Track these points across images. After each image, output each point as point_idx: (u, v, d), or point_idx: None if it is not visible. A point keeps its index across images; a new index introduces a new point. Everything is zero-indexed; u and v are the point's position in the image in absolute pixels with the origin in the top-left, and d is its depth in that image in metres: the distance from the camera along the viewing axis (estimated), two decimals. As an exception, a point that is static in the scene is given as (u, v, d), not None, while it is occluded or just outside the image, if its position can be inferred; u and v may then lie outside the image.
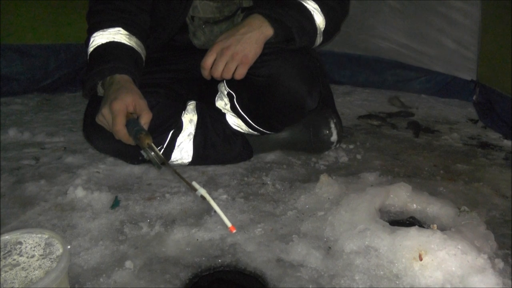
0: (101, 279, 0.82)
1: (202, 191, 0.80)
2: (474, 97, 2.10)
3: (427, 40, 2.18)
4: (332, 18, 1.25)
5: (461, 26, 2.05)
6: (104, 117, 1.05)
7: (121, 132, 1.01)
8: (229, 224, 0.77)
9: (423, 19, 2.15)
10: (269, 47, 1.17)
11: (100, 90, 1.16)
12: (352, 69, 2.49)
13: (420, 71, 2.28)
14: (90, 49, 1.18)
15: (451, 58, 2.15)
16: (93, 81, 1.13)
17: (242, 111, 1.29)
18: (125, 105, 1.02)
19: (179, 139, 1.28)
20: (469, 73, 2.11)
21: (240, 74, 1.13)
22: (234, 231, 0.79)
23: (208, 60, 1.13)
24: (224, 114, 1.34)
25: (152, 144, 0.95)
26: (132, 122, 1.01)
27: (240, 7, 1.34)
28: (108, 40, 1.17)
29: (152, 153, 0.95)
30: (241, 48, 1.10)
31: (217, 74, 1.13)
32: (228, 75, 1.13)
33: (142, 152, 0.98)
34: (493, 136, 1.73)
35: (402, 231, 0.87)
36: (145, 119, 1.02)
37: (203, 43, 1.39)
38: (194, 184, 0.81)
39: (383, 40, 2.30)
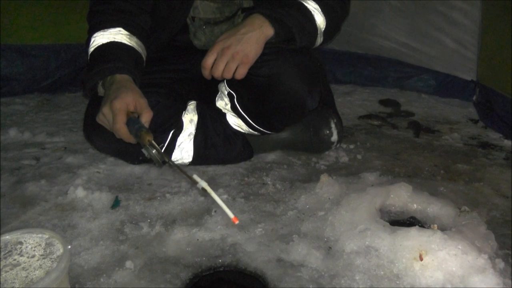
0: (102, 279, 0.82)
1: (203, 184, 0.80)
2: (474, 97, 2.10)
3: (427, 40, 2.18)
4: (332, 18, 1.25)
5: (461, 26, 2.04)
6: (104, 116, 1.05)
7: (122, 130, 1.01)
8: (231, 215, 0.77)
9: (423, 18, 2.15)
10: (269, 47, 1.17)
11: (100, 90, 1.16)
12: (353, 67, 2.49)
13: (420, 70, 2.28)
14: (91, 49, 1.18)
15: (451, 57, 2.14)
16: (93, 81, 1.13)
17: (243, 111, 1.29)
18: (125, 103, 1.02)
19: (180, 139, 1.28)
20: (469, 73, 2.11)
21: (241, 74, 1.13)
22: (237, 222, 0.78)
23: (209, 60, 1.13)
24: (224, 114, 1.34)
25: (153, 142, 0.95)
26: (132, 120, 1.01)
27: (241, 7, 1.34)
28: (108, 40, 1.17)
29: (154, 150, 0.95)
30: (241, 48, 1.10)
31: (217, 74, 1.13)
32: (228, 75, 1.13)
33: (143, 150, 0.98)
34: (493, 136, 1.73)
35: (403, 231, 0.87)
36: (146, 118, 1.03)
37: (203, 43, 1.39)
38: (195, 177, 0.82)
39: (384, 39, 2.30)
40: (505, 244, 0.95)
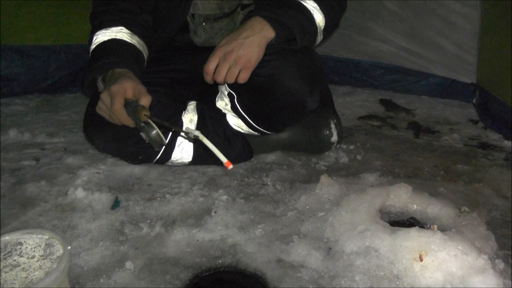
0: (102, 280, 0.82)
1: (196, 132, 0.81)
2: (474, 100, 2.10)
3: (426, 43, 2.17)
4: (331, 15, 1.26)
5: (460, 29, 2.04)
6: (103, 102, 1.06)
7: (120, 111, 1.02)
8: (224, 160, 0.77)
9: (422, 22, 2.14)
10: (270, 48, 1.17)
11: (100, 86, 1.17)
12: (351, 73, 2.48)
13: (419, 74, 2.27)
14: (92, 46, 1.20)
15: (451, 61, 2.13)
16: (93, 75, 1.14)
17: (243, 111, 1.29)
18: (124, 88, 1.03)
19: (180, 139, 1.28)
20: (469, 76, 2.10)
21: (243, 78, 1.13)
22: (231, 166, 0.78)
23: (211, 65, 1.13)
24: (224, 115, 1.34)
25: (149, 119, 0.95)
26: (130, 103, 1.01)
27: (240, 4, 1.35)
28: (110, 38, 1.18)
29: (152, 132, 0.95)
30: (243, 52, 1.10)
31: (220, 79, 1.13)
32: (231, 80, 1.13)
33: (141, 134, 0.98)
34: (493, 136, 1.73)
35: (403, 232, 0.87)
36: (144, 101, 1.03)
37: (203, 40, 1.40)
38: (187, 128, 0.82)
39: (382, 43, 2.29)
40: (505, 244, 0.95)
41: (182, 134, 1.04)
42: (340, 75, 2.50)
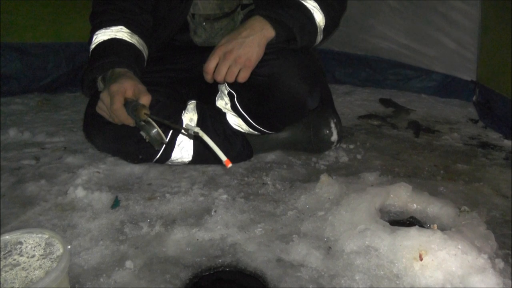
0: (101, 279, 0.82)
1: (196, 129, 0.81)
2: (474, 98, 2.10)
3: (427, 40, 2.18)
4: (331, 15, 1.26)
5: (461, 27, 2.04)
6: (103, 101, 1.07)
7: (120, 110, 1.02)
8: (224, 158, 0.77)
9: (423, 19, 2.15)
10: (270, 47, 1.17)
11: (100, 86, 1.17)
12: (353, 68, 2.50)
13: (420, 71, 2.28)
14: (92, 46, 1.20)
15: (451, 58, 2.14)
16: (93, 75, 1.14)
17: (243, 110, 1.29)
18: (123, 87, 1.03)
19: (180, 138, 1.28)
20: (469, 74, 2.11)
21: (243, 77, 1.13)
22: (230, 165, 0.78)
23: (211, 65, 1.13)
24: (224, 114, 1.34)
25: (149, 118, 0.95)
26: (130, 102, 1.01)
27: (240, 4, 1.35)
28: (110, 37, 1.18)
29: (153, 131, 0.95)
30: (244, 51, 1.10)
31: (220, 78, 1.13)
32: (231, 79, 1.13)
33: (141, 133, 0.98)
34: (493, 136, 1.73)
35: (403, 231, 0.87)
36: (144, 100, 1.03)
37: (203, 40, 1.40)
38: (187, 125, 0.82)
39: (383, 40, 2.30)
40: (505, 244, 0.95)
41: (182, 131, 1.05)
42: (342, 68, 2.50)
